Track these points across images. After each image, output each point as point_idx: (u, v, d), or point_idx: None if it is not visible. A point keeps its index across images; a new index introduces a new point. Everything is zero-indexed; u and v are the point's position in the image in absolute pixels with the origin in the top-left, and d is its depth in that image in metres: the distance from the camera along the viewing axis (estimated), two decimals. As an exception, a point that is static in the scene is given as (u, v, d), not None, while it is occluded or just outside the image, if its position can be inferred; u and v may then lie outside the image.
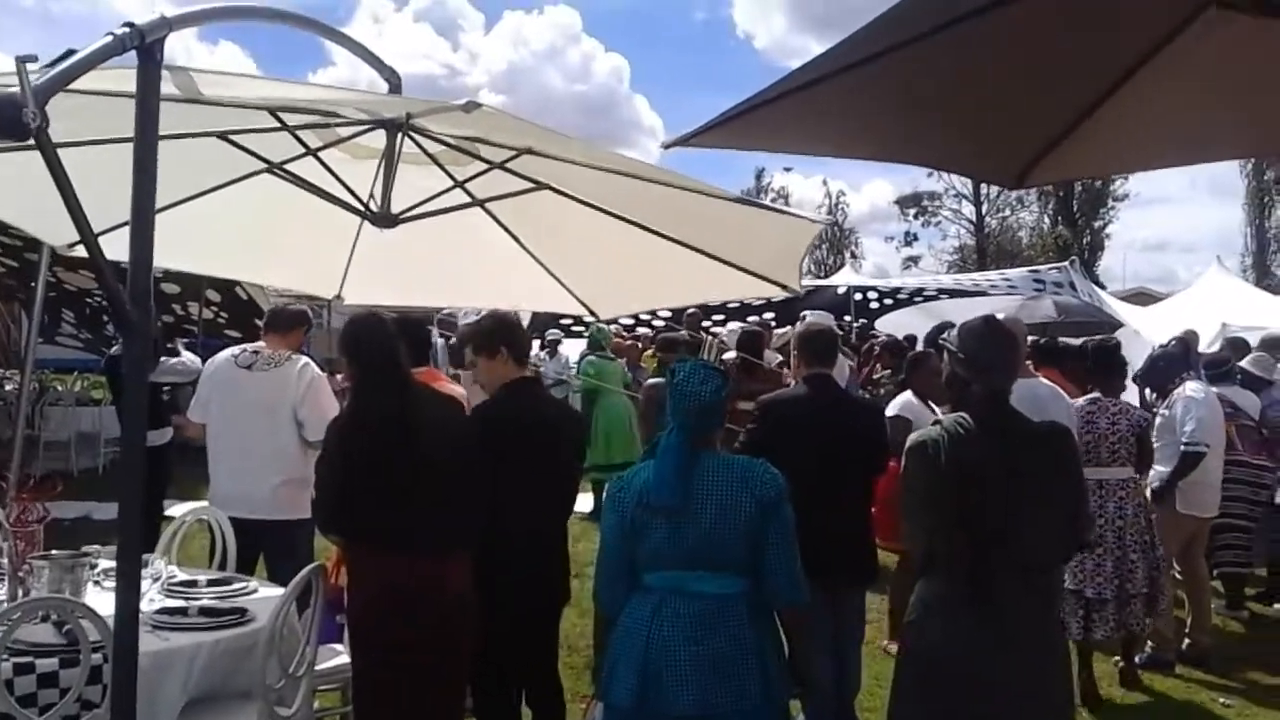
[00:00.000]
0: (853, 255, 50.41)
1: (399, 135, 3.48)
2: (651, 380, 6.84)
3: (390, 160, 3.56)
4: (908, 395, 5.94)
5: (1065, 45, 2.78)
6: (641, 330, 14.08)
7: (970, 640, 3.07)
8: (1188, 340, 7.62)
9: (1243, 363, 7.97)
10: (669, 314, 12.83)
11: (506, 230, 4.33)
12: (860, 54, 2.49)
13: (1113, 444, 5.56)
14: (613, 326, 11.50)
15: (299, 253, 4.55)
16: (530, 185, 3.87)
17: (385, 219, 3.68)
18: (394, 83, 3.25)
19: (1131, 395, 8.97)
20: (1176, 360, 6.77)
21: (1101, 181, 43.07)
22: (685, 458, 3.12)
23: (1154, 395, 7.33)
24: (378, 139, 3.54)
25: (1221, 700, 5.73)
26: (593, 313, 5.07)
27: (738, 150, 3.40)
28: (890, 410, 5.79)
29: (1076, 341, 8.15)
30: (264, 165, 3.66)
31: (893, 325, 14.38)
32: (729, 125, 2.76)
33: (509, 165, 3.73)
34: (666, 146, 3.13)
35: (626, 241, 4.05)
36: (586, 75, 75.25)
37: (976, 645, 3.06)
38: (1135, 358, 10.72)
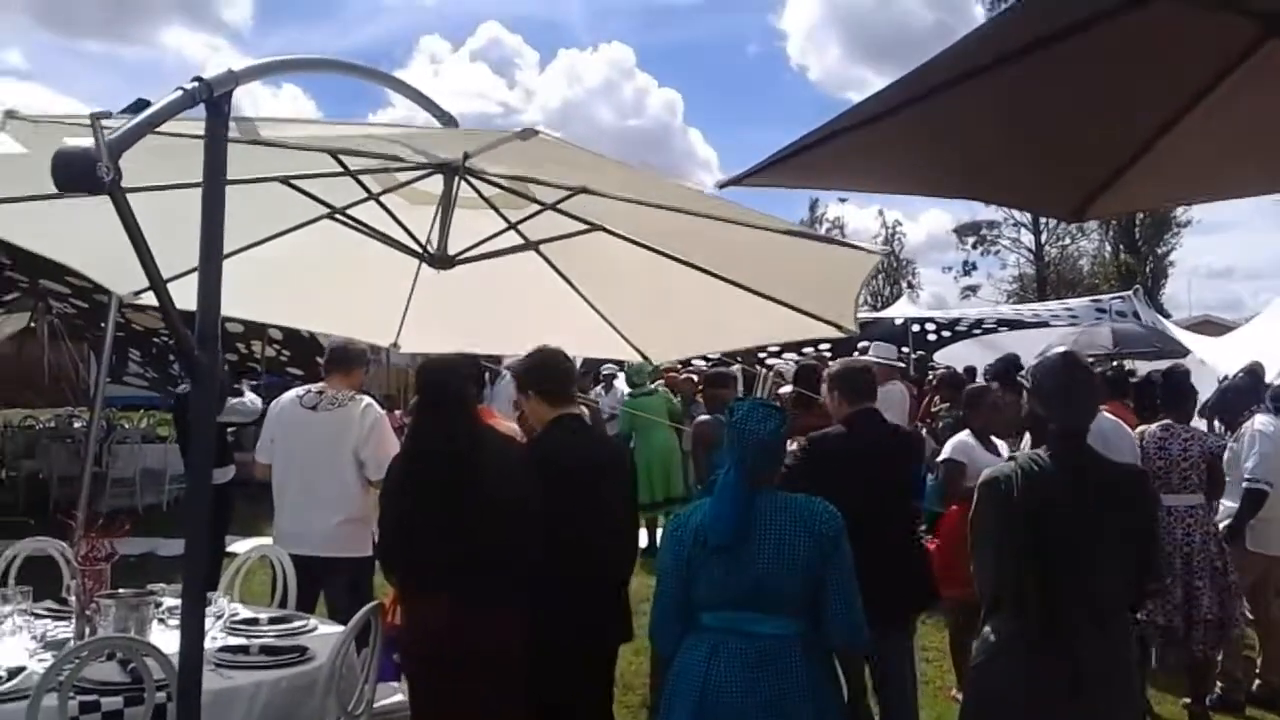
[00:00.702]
0: (909, 285, 50.08)
1: (456, 179, 3.54)
2: (701, 418, 6.80)
3: (447, 203, 3.61)
4: (964, 435, 5.82)
5: (1123, 78, 2.75)
6: (698, 363, 14.02)
7: (1039, 682, 3.01)
8: (1256, 371, 7.43)
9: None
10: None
11: (560, 274, 4.36)
12: (913, 92, 2.48)
13: (1184, 470, 5.52)
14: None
15: (356, 301, 4.64)
16: (584, 227, 3.90)
17: (443, 260, 3.74)
18: (451, 127, 3.31)
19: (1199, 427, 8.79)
20: (1246, 392, 6.62)
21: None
22: (743, 496, 3.10)
23: (1223, 428, 7.16)
24: (435, 184, 3.60)
25: (1296, 743, 5.54)
26: (645, 357, 5.08)
27: (792, 189, 3.40)
28: (944, 453, 5.71)
29: (1143, 370, 7.98)
30: (326, 210, 3.73)
31: (952, 357, 14.23)
32: (783, 164, 2.76)
33: (563, 206, 3.76)
34: (722, 186, 3.15)
35: (680, 283, 4.06)
36: (640, 110, 76.07)
37: (1046, 688, 3.00)
38: (1202, 388, 10.51)
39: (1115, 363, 9.54)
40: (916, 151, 3.01)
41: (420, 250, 3.77)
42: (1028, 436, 5.14)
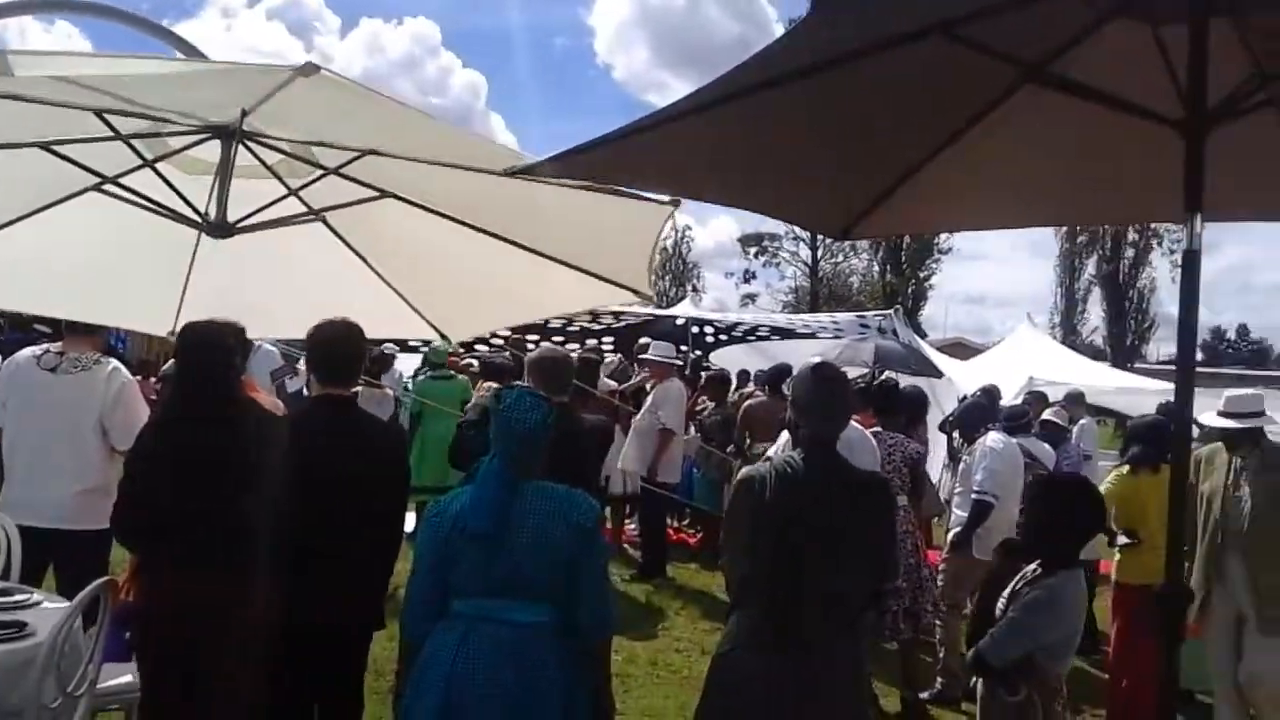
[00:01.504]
0: (694, 289, 51.39)
1: (234, 144, 3.36)
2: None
3: (225, 168, 3.43)
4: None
5: (893, 108, 2.93)
6: (481, 349, 13.87)
7: (782, 682, 3.14)
8: (992, 392, 8.15)
9: (1045, 414, 8.53)
10: (506, 335, 12.72)
11: (351, 248, 4.21)
12: (705, 101, 2.55)
13: (887, 472, 5.89)
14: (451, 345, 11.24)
15: (129, 286, 4.37)
16: (373, 194, 3.78)
17: (221, 228, 3.55)
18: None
19: (940, 441, 9.53)
20: (983, 409, 7.19)
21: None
22: (505, 485, 3.11)
23: (961, 441, 7.75)
24: (212, 151, 3.40)
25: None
26: (444, 336, 4.97)
27: (580, 184, 3.42)
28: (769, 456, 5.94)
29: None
30: (95, 180, 3.45)
31: (726, 360, 14.70)
32: (574, 158, 2.78)
33: (351, 172, 3.63)
34: (510, 174, 3.11)
35: (475, 255, 3.98)
36: (443, 89, 74.87)
37: (783, 683, 3.13)
38: (950, 405, 11.32)
39: (884, 375, 10.10)
40: (703, 159, 3.10)
41: (197, 219, 3.56)
42: (784, 436, 5.37)
